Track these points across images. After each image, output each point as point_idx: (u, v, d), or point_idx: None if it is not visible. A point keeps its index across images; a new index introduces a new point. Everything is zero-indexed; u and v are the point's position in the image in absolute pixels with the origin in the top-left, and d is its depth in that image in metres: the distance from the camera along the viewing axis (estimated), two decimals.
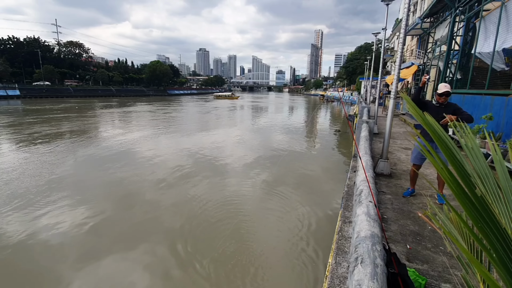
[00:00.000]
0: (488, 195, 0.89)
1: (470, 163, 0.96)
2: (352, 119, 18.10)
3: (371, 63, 22.11)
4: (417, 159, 4.26)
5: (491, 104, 7.56)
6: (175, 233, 5.77)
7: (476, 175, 0.93)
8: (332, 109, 44.09)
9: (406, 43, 27.43)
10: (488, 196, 0.89)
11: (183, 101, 57.99)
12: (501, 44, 7.72)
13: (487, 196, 0.89)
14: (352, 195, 4.03)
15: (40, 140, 14.64)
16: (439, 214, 1.41)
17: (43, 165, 10.07)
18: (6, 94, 51.10)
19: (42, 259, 4.99)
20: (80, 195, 7.48)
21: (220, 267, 4.72)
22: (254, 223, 6.23)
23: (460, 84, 10.74)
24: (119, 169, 9.87)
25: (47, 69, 61.77)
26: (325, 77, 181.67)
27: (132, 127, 20.51)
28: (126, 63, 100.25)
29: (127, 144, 14.02)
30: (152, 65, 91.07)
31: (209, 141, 15.09)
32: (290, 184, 8.52)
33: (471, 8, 10.21)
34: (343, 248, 2.77)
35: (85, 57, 79.61)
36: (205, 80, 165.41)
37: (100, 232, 5.83)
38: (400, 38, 7.19)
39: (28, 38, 65.44)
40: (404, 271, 1.83)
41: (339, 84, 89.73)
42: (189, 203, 7.15)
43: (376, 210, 2.35)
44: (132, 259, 4.94)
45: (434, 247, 2.92)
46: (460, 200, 0.72)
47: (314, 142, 16.97)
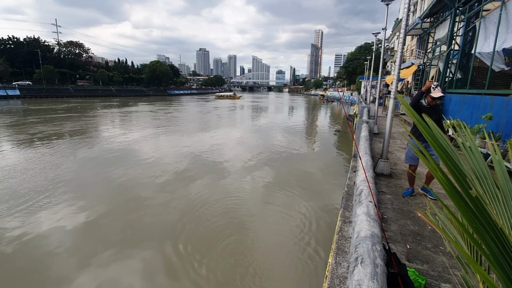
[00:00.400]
0: (486, 196, 0.90)
1: (467, 163, 0.96)
2: (352, 119, 18.11)
3: (371, 63, 22.12)
4: (411, 160, 4.33)
5: (491, 104, 7.57)
6: (176, 232, 5.77)
7: (474, 175, 0.93)
8: (332, 109, 44.08)
9: (406, 43, 27.43)
10: (486, 196, 0.89)
11: (184, 101, 57.99)
12: (501, 44, 7.73)
13: (485, 197, 0.89)
14: (352, 195, 4.04)
15: (42, 140, 14.65)
16: (439, 214, 1.41)
17: (45, 165, 10.08)
18: (6, 94, 51.09)
19: (43, 258, 4.99)
20: (81, 195, 7.48)
21: (220, 266, 4.73)
22: (254, 222, 6.23)
23: (460, 84, 10.74)
24: (122, 169, 9.87)
25: (47, 69, 61.74)
26: (325, 77, 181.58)
27: (135, 127, 20.51)
28: (126, 63, 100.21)
29: (130, 144, 14.04)
30: (152, 65, 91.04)
31: (210, 141, 15.10)
32: (290, 184, 8.52)
33: (471, 8, 10.21)
34: (343, 248, 2.77)
35: (85, 57, 79.56)
36: (205, 80, 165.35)
37: (100, 231, 5.83)
38: (400, 38, 7.19)
39: (28, 38, 65.39)
40: (404, 271, 1.84)
41: (339, 84, 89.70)
42: (190, 203, 7.15)
43: (376, 210, 2.35)
44: (132, 259, 4.94)
45: (434, 247, 2.92)
46: (454, 200, 0.72)
47: (314, 142, 16.98)
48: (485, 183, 0.92)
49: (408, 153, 4.39)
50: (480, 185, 0.91)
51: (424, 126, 0.89)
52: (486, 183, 0.92)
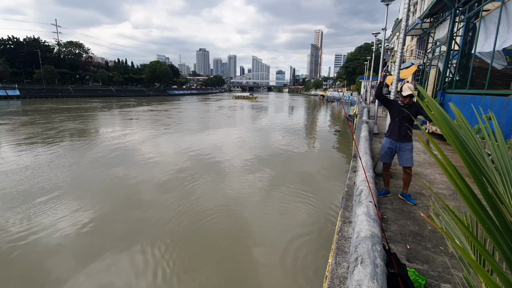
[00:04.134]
0: (506, 194, 0.84)
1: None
2: (352, 119, 18.10)
3: (371, 63, 22.13)
4: (383, 157, 4.22)
5: (491, 104, 7.56)
6: (176, 231, 5.77)
7: (497, 173, 0.87)
8: (332, 109, 44.09)
9: (406, 43, 27.43)
10: (506, 195, 0.84)
11: (184, 101, 58.00)
12: (501, 44, 7.71)
13: (504, 196, 0.83)
14: (352, 195, 4.03)
15: (43, 141, 14.64)
16: (442, 215, 1.41)
17: (50, 164, 10.07)
18: (6, 94, 51.07)
19: (43, 258, 4.98)
20: (83, 195, 7.48)
21: (220, 266, 4.72)
22: (253, 222, 6.22)
23: (460, 84, 10.73)
24: (125, 170, 9.87)
25: (47, 69, 61.72)
26: (325, 77, 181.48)
27: (139, 127, 20.51)
28: (126, 63, 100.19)
29: (136, 144, 14.03)
30: (152, 65, 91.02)
31: (211, 141, 15.10)
32: (290, 184, 8.52)
33: (471, 8, 10.20)
34: (343, 248, 2.76)
35: (85, 57, 79.50)
36: (205, 80, 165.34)
37: (96, 233, 5.82)
38: (400, 38, 7.19)
39: (28, 38, 65.30)
40: (404, 271, 1.83)
41: (339, 84, 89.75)
42: (191, 202, 7.15)
43: (376, 210, 2.34)
44: (131, 262, 4.93)
45: (434, 247, 2.92)
46: (465, 198, 0.69)
47: (314, 142, 16.97)
48: (507, 180, 0.85)
49: (381, 151, 4.32)
50: (502, 183, 0.85)
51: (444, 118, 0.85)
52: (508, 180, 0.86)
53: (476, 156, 0.80)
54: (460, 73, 10.87)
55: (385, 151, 4.17)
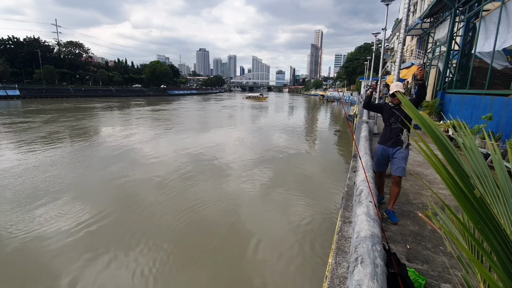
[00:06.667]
0: (487, 196, 0.89)
1: (468, 164, 0.95)
2: (352, 119, 18.10)
3: (371, 63, 22.14)
4: (376, 166, 3.95)
5: (491, 104, 7.57)
6: (175, 231, 5.77)
7: (475, 175, 0.92)
8: (332, 109, 44.09)
9: (406, 43, 27.43)
10: (487, 196, 0.89)
11: (184, 102, 58.00)
12: (501, 44, 7.72)
13: (486, 197, 0.88)
14: (352, 195, 4.03)
15: (44, 141, 14.65)
16: (440, 214, 1.41)
17: (53, 163, 10.09)
18: (6, 94, 51.05)
19: (44, 258, 4.99)
20: (84, 195, 7.49)
21: (219, 266, 4.72)
22: (253, 222, 6.23)
23: (460, 84, 10.74)
24: (127, 170, 9.87)
25: (47, 69, 61.70)
26: (325, 77, 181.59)
27: (141, 127, 20.51)
28: (126, 63, 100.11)
29: (140, 144, 14.04)
30: (152, 65, 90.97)
31: (212, 141, 15.10)
32: (290, 184, 8.52)
33: (471, 8, 10.21)
34: (343, 248, 2.77)
35: (85, 57, 79.51)
36: (205, 80, 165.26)
37: (96, 233, 5.83)
38: (400, 38, 7.20)
39: (28, 38, 65.28)
40: (404, 271, 1.83)
41: (339, 84, 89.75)
42: (191, 202, 7.16)
43: (376, 210, 2.35)
44: (131, 261, 4.94)
45: (434, 247, 2.92)
46: (460, 201, 0.71)
47: (314, 142, 16.98)
48: (485, 182, 0.91)
49: (374, 159, 4.06)
50: (481, 185, 0.91)
51: (426, 124, 0.88)
52: (486, 182, 0.91)
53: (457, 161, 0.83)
54: (460, 73, 10.87)
55: (378, 158, 3.90)
